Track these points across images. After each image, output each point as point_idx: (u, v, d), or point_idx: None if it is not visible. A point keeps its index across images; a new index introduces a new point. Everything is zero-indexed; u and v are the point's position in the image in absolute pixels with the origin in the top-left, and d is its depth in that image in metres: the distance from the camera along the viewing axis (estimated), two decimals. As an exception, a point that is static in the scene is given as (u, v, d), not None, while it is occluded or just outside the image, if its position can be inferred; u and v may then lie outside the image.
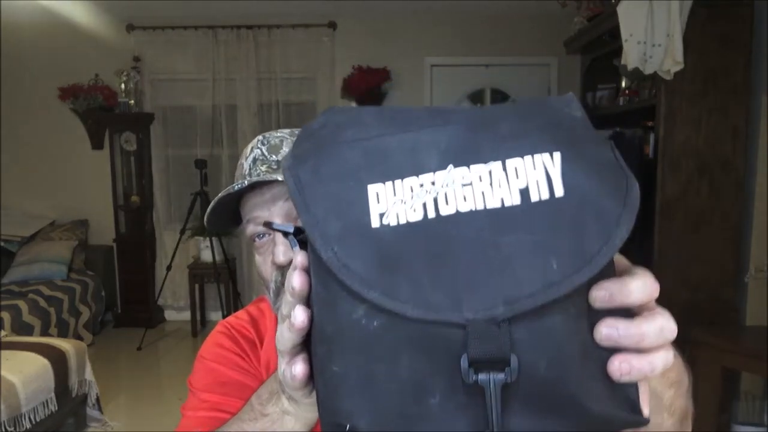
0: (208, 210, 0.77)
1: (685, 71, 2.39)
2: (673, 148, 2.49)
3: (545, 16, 4.29)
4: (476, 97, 4.75)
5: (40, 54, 4.62)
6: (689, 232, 2.52)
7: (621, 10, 2.47)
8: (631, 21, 2.43)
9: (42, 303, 3.79)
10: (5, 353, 2.58)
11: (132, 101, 4.52)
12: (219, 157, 4.70)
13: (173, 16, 4.49)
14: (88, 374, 2.91)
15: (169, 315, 4.86)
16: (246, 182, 0.73)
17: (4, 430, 2.34)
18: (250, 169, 0.77)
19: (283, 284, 0.71)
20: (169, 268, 4.27)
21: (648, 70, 2.43)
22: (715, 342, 2.25)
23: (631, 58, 2.43)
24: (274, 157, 0.77)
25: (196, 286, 4.51)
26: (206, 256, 4.30)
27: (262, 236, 0.76)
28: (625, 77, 2.95)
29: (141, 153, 4.61)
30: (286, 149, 0.77)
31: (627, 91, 2.93)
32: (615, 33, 2.60)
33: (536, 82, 4.62)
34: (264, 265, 0.76)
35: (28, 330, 3.55)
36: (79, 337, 4.01)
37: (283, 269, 0.73)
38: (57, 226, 4.63)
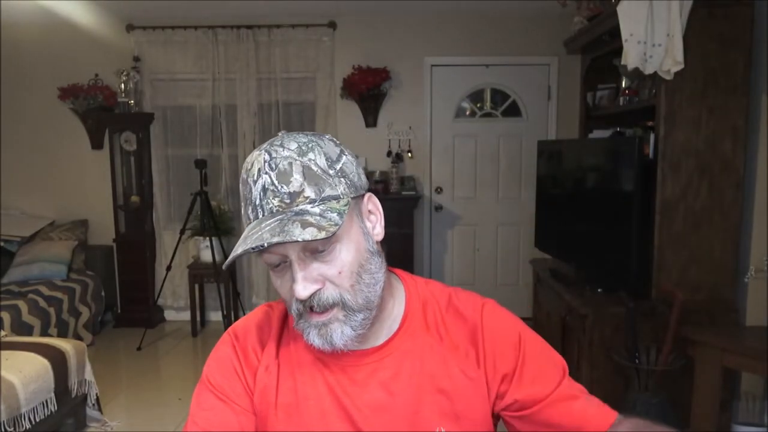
0: (229, 261, 0.76)
1: (685, 71, 2.40)
2: (673, 148, 2.49)
3: (545, 16, 4.29)
4: (476, 97, 4.74)
5: (40, 54, 4.62)
6: (689, 232, 2.52)
7: (621, 9, 2.47)
8: (631, 21, 2.43)
9: (42, 303, 3.79)
10: (5, 353, 2.58)
11: (132, 101, 4.52)
12: (219, 157, 4.70)
13: (173, 16, 4.49)
14: (88, 374, 2.91)
15: (169, 315, 4.86)
16: (265, 243, 0.70)
17: (3, 430, 2.34)
18: (260, 199, 0.74)
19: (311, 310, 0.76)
20: (168, 268, 4.27)
21: (648, 70, 2.43)
22: (715, 342, 2.25)
23: (631, 57, 2.43)
24: (285, 188, 0.73)
25: (196, 286, 4.51)
26: (206, 256, 4.30)
27: (278, 264, 0.77)
28: (625, 77, 2.95)
29: (141, 153, 4.60)
30: (297, 176, 0.73)
31: (627, 91, 2.93)
32: (615, 33, 2.59)
33: (536, 82, 4.62)
34: (282, 288, 0.79)
35: (27, 330, 3.55)
36: (78, 337, 4.01)
37: (304, 301, 0.76)
38: (57, 226, 4.63)
